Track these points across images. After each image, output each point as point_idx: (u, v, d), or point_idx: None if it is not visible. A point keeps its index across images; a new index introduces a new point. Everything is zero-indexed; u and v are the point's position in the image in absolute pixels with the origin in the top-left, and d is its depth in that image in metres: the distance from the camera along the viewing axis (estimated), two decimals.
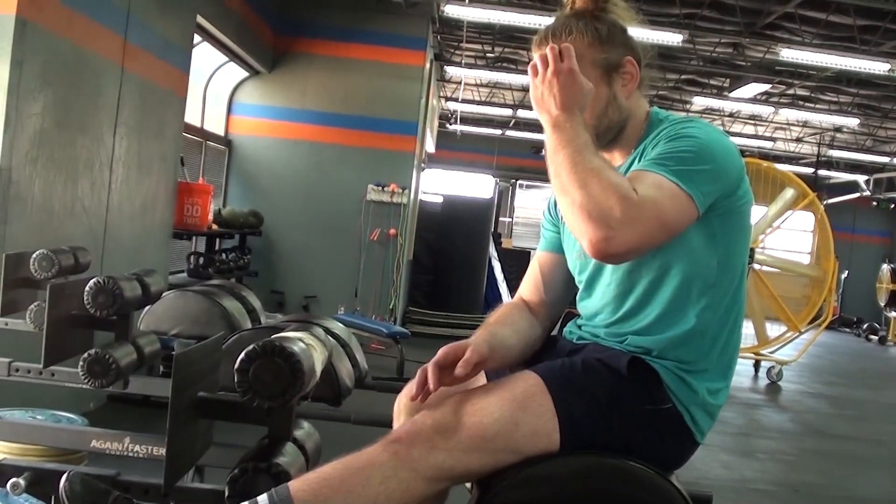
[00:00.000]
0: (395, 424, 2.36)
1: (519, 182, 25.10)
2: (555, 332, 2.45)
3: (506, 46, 15.82)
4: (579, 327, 2.31)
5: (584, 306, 2.29)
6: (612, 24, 2.18)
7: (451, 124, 21.36)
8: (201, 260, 8.65)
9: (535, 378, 2.02)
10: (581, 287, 2.30)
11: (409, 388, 2.38)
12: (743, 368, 11.73)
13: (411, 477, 1.88)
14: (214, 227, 8.88)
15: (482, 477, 1.98)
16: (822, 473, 6.95)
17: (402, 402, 2.39)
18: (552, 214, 2.44)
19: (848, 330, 21.45)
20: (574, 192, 1.89)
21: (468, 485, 2.08)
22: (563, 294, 2.44)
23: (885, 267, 20.58)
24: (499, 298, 13.33)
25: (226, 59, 10.06)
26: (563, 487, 1.95)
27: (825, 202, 15.36)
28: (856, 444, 8.33)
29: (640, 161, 2.11)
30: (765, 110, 17.77)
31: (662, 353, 2.09)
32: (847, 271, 20.84)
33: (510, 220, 24.52)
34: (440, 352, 2.04)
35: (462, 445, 1.91)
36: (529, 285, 2.47)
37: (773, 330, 11.86)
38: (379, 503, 1.85)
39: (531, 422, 1.96)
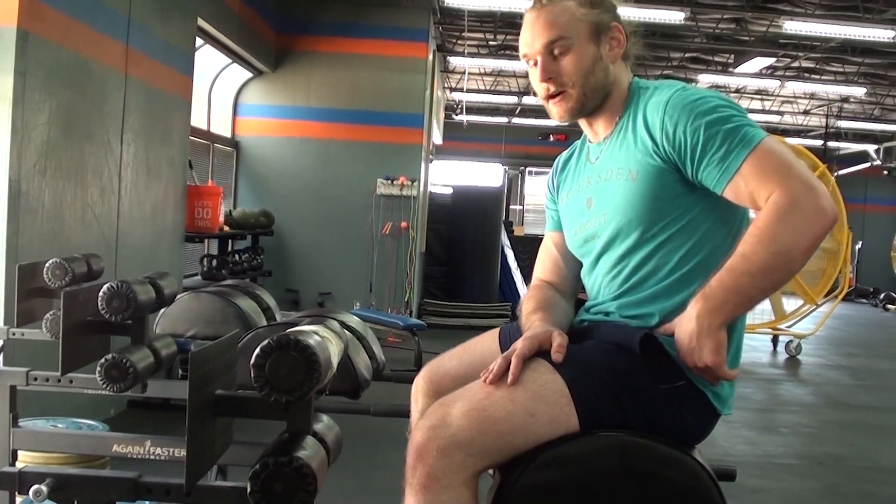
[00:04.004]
0: (413, 408, 2.37)
1: (528, 169, 25.05)
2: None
3: (508, 34, 15.78)
4: (588, 310, 2.31)
5: (591, 282, 2.30)
6: None
7: (457, 115, 21.33)
8: (214, 262, 8.67)
9: (546, 365, 2.02)
10: (586, 264, 2.32)
11: (426, 372, 2.41)
12: (761, 344, 11.73)
13: (454, 494, 1.90)
14: (226, 228, 8.90)
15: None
16: (845, 445, 6.94)
17: (418, 385, 2.41)
18: (553, 192, 2.48)
19: (864, 301, 21.39)
20: (783, 256, 1.93)
21: (490, 470, 2.08)
22: (580, 268, 2.45)
23: None
24: (513, 286, 13.35)
25: (229, 60, 10.07)
26: (584, 467, 1.94)
27: (836, 173, 15.30)
28: (878, 413, 8.31)
29: (629, 133, 2.15)
30: (771, 84, 17.70)
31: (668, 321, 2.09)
32: (861, 242, 20.76)
33: (521, 207, 24.50)
34: (525, 344, 2.03)
35: (478, 449, 1.91)
36: (548, 265, 2.50)
37: (790, 304, 11.83)
38: None
39: (547, 411, 1.96)
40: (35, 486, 1.80)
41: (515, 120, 22.78)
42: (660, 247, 2.12)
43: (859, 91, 17.52)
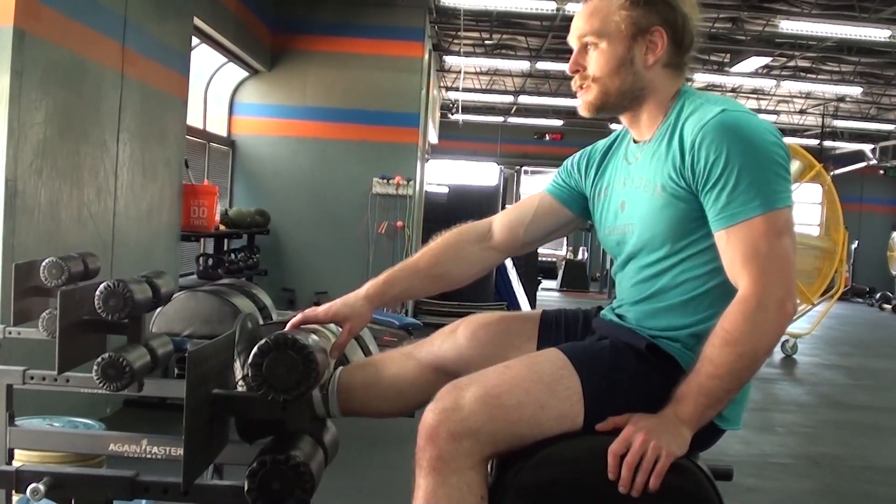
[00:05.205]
0: (441, 336, 2.41)
1: (524, 168, 25.09)
2: (589, 308, 2.46)
3: (504, 33, 15.80)
4: (613, 309, 2.30)
5: (619, 282, 2.29)
6: None
7: (452, 114, 21.32)
8: (210, 261, 8.66)
9: (563, 359, 2.03)
10: (616, 263, 2.30)
11: (470, 321, 2.43)
12: None
13: (462, 477, 1.91)
14: (222, 227, 8.89)
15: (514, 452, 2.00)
16: (841, 444, 6.95)
17: (461, 327, 2.41)
18: (577, 172, 2.42)
19: (861, 300, 21.45)
20: (753, 357, 1.93)
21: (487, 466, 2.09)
22: (539, 240, 2.53)
23: (895, 235, 20.55)
24: (509, 286, 13.34)
25: (225, 60, 10.06)
26: (581, 467, 1.94)
27: (832, 173, 15.32)
28: (874, 413, 8.32)
29: (664, 144, 2.09)
30: (767, 84, 17.71)
31: (685, 340, 2.08)
32: (857, 241, 20.79)
33: None
34: (322, 314, 2.31)
35: (486, 436, 1.93)
36: (511, 220, 2.51)
37: None
38: None
39: (558, 406, 1.97)
40: (32, 485, 1.80)
41: (511, 119, 22.78)
42: (682, 262, 2.09)
43: (855, 90, 17.54)
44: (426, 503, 1.91)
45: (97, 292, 2.32)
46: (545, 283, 18.54)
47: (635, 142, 2.26)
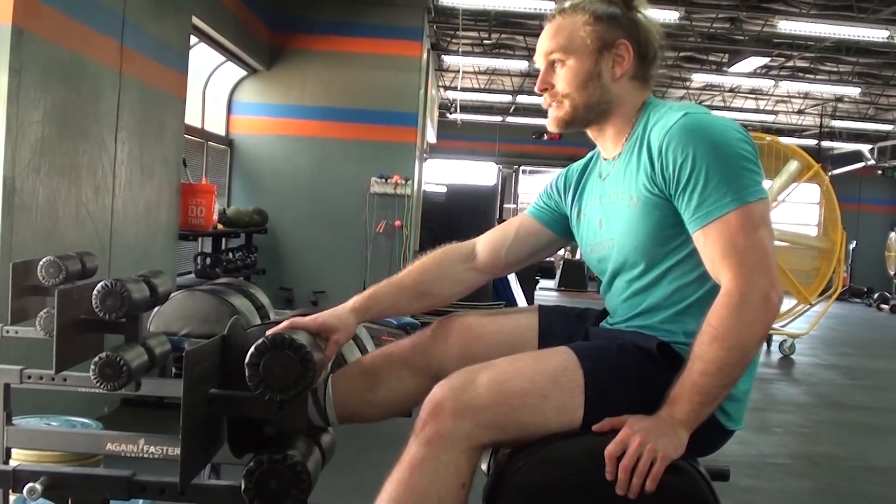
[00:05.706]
0: (429, 331, 2.47)
1: (522, 168, 25.10)
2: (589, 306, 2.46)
3: (502, 32, 15.79)
4: (610, 325, 2.30)
5: (608, 299, 2.30)
6: (616, 11, 2.20)
7: (451, 113, 21.33)
8: (208, 260, 8.66)
9: (570, 354, 2.03)
10: (603, 281, 2.31)
11: (462, 327, 2.47)
12: None
13: (452, 457, 1.90)
14: (220, 226, 8.88)
15: (511, 446, 2.00)
16: (839, 444, 6.95)
17: (451, 327, 2.48)
18: (557, 194, 2.45)
19: (859, 300, 21.45)
20: (741, 353, 1.91)
21: (484, 466, 2.09)
22: (522, 261, 2.54)
23: (894, 235, 20.60)
24: (507, 285, 13.34)
25: (223, 58, 10.06)
26: (579, 468, 1.94)
27: (830, 173, 15.33)
28: (872, 413, 8.32)
29: (634, 155, 2.12)
30: (765, 84, 17.73)
31: (681, 345, 2.07)
32: (855, 241, 20.81)
33: (514, 206, 24.50)
34: (310, 322, 2.18)
35: (488, 419, 1.92)
36: (493, 241, 2.54)
37: (784, 304, 11.81)
38: (443, 496, 1.89)
39: (560, 397, 1.97)
40: (29, 485, 1.80)
41: (509, 119, 22.79)
42: (666, 273, 2.10)
43: (853, 91, 17.56)
44: (408, 470, 1.90)
45: (95, 291, 2.32)
46: (543, 283, 18.54)
47: (603, 159, 2.29)
